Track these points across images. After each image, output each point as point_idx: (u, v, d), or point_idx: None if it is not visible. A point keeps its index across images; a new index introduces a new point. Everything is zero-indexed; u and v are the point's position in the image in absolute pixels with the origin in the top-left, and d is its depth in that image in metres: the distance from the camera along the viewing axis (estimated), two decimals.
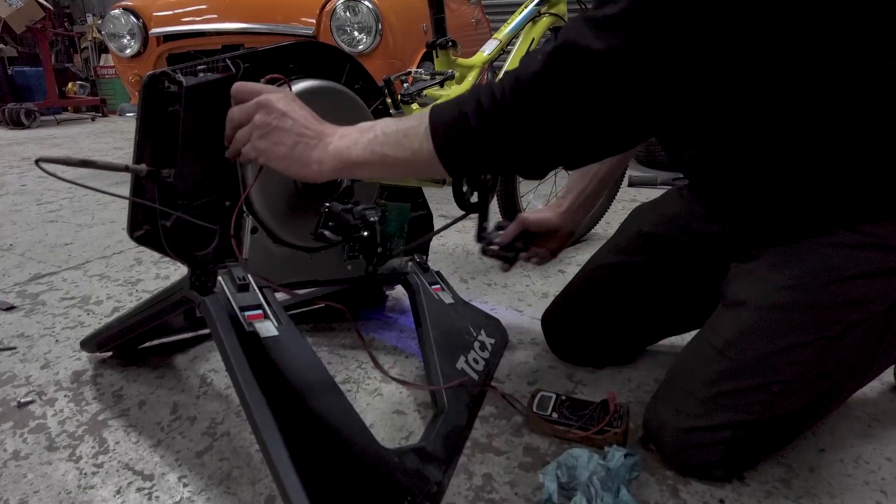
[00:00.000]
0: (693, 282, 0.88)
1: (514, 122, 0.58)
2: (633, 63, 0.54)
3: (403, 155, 0.63)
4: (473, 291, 1.31)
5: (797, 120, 0.65)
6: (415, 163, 0.64)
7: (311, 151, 0.64)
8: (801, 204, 0.71)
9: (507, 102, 0.58)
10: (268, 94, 0.65)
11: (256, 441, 0.61)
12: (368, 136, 0.65)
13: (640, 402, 0.88)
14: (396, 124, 0.65)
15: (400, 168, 0.65)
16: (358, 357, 1.02)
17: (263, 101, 0.65)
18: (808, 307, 0.68)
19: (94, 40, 6.09)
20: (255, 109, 0.65)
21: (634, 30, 0.53)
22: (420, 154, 0.63)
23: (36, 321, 1.18)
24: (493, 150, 0.61)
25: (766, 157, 0.70)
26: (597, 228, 1.72)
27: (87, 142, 3.84)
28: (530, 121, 0.58)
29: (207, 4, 2.30)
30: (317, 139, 0.65)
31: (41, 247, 1.66)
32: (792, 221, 0.73)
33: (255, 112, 0.65)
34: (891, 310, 0.69)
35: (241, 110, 0.66)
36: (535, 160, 0.62)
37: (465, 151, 0.62)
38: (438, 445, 0.73)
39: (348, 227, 0.80)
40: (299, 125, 0.65)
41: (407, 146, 0.63)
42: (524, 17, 1.33)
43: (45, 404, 0.89)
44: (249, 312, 0.70)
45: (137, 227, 0.69)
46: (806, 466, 0.74)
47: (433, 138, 0.61)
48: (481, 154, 0.61)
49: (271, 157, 0.65)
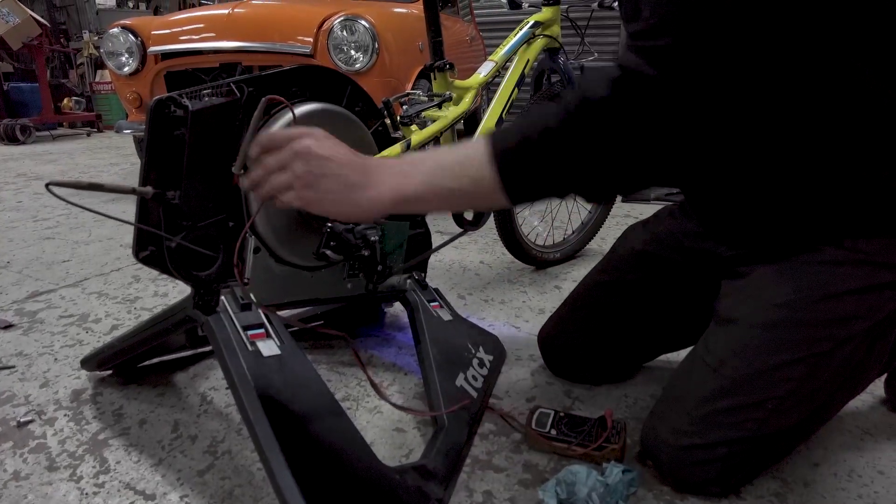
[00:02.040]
0: (686, 299, 0.90)
1: (584, 146, 0.59)
2: (687, 90, 0.57)
3: (463, 185, 0.62)
4: (471, 308, 1.32)
5: (794, 139, 0.68)
6: (475, 193, 0.63)
7: (364, 192, 0.62)
8: (791, 220, 0.73)
9: (576, 126, 0.59)
10: (302, 140, 0.63)
11: (259, 459, 0.62)
12: (421, 168, 0.63)
13: (637, 418, 0.89)
14: (449, 154, 0.65)
15: (458, 199, 0.64)
16: (357, 375, 1.02)
17: (302, 150, 0.62)
18: (799, 324, 0.70)
19: (91, 56, 6.12)
20: (293, 158, 0.62)
21: (684, 61, 0.56)
22: (481, 183, 0.62)
23: (34, 339, 1.18)
24: (560, 173, 0.61)
25: (761, 175, 0.72)
26: (592, 244, 1.74)
27: (83, 157, 3.85)
28: (600, 145, 0.59)
29: (205, 23, 2.33)
30: (365, 178, 0.63)
31: (38, 264, 1.66)
32: (782, 238, 0.75)
33: (293, 161, 0.62)
34: (878, 325, 0.71)
35: (278, 160, 0.63)
36: (601, 183, 0.64)
37: (531, 176, 0.62)
38: (439, 463, 0.74)
39: (349, 246, 0.82)
40: (344, 168, 0.63)
41: (466, 175, 0.62)
42: (519, 39, 1.36)
43: (44, 424, 0.90)
44: (252, 331, 0.71)
45: (143, 249, 0.70)
46: (800, 481, 0.75)
47: (496, 164, 0.61)
48: (547, 178, 0.62)
49: (323, 207, 0.64)
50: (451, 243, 0.96)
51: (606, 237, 1.80)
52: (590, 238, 1.71)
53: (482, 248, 1.76)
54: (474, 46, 3.83)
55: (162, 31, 2.36)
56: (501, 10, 4.58)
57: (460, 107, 1.17)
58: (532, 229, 1.83)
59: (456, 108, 1.16)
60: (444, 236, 0.95)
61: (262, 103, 0.69)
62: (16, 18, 4.52)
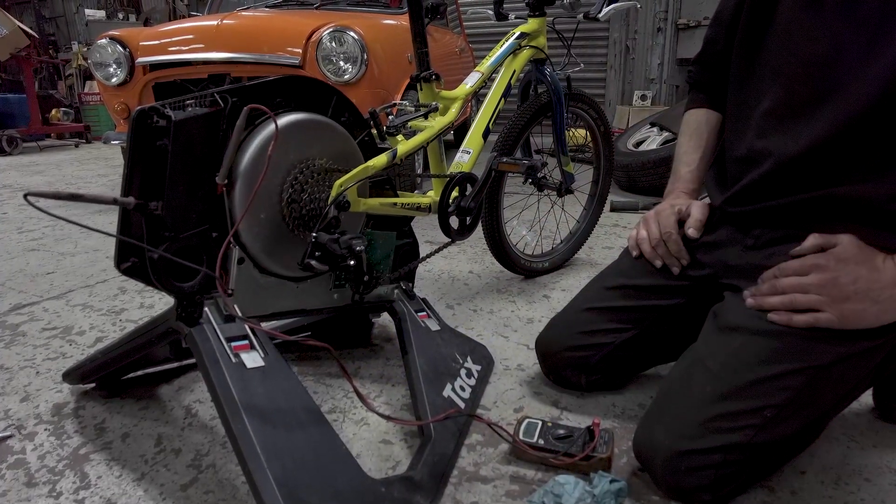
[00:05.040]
0: (695, 309, 0.90)
1: None
2: None
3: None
4: (459, 318, 1.32)
5: None
6: None
7: None
8: None
9: None
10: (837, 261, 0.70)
11: (243, 473, 0.61)
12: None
13: (624, 428, 0.88)
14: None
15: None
16: (344, 386, 1.02)
17: None
18: (800, 336, 0.71)
19: (80, 67, 6.11)
20: None
21: None
22: None
23: (16, 353, 1.16)
24: None
25: None
26: (580, 254, 1.75)
27: (71, 168, 3.82)
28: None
29: (194, 34, 2.32)
30: None
31: (22, 276, 1.64)
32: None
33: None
34: (880, 347, 0.72)
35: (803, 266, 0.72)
36: None
37: None
38: (425, 475, 0.73)
39: (335, 256, 0.81)
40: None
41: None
42: (505, 50, 1.37)
43: (24, 439, 0.88)
44: (236, 343, 0.71)
45: (124, 260, 0.69)
46: (787, 489, 0.75)
47: None
48: None
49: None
50: (440, 253, 0.96)
51: (595, 246, 1.81)
52: (578, 247, 1.71)
53: (471, 258, 1.76)
54: (464, 58, 3.85)
55: (150, 42, 2.36)
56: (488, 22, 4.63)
57: (447, 117, 1.18)
58: (521, 239, 1.84)
59: (442, 119, 1.17)
60: (433, 246, 0.94)
61: (244, 112, 0.69)
62: (3, 30, 4.50)
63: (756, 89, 0.84)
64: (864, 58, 0.71)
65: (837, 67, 0.73)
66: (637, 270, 0.94)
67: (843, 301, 0.69)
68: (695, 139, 0.99)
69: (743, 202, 0.83)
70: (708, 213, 0.91)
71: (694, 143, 0.99)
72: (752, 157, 0.82)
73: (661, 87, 4.91)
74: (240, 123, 0.72)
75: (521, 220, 2.00)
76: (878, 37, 0.70)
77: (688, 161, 0.98)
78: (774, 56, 0.81)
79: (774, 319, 0.72)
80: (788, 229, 0.78)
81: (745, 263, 0.82)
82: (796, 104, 0.77)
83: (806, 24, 0.76)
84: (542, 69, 1.46)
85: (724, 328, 0.77)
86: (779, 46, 0.80)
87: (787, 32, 0.79)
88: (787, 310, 0.72)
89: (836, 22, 0.73)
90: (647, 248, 0.92)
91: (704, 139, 0.98)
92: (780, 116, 0.79)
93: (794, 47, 0.78)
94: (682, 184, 0.97)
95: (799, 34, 0.77)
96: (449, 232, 1.15)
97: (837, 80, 0.73)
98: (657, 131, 2.83)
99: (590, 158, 1.78)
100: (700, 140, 0.98)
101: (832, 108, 0.73)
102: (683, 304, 0.90)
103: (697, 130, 0.99)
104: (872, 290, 0.68)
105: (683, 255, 0.90)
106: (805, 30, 0.76)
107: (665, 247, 0.90)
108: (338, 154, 0.91)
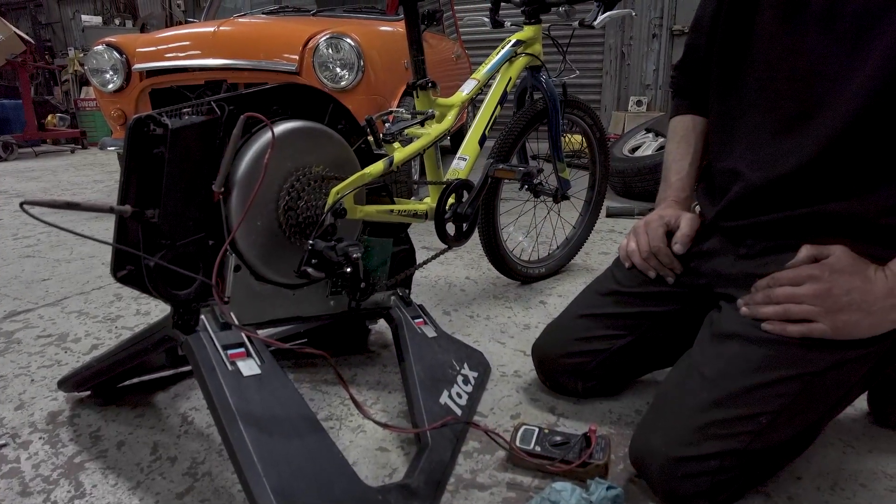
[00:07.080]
0: (691, 316, 0.90)
1: None
2: None
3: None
4: (456, 324, 1.32)
5: None
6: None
7: None
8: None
9: None
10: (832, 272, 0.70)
11: (239, 481, 0.61)
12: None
13: (621, 434, 0.89)
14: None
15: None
16: (340, 394, 1.01)
17: None
18: (794, 343, 0.71)
19: (76, 73, 6.10)
20: None
21: None
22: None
23: (10, 360, 1.15)
24: None
25: None
26: (576, 259, 1.75)
27: (67, 174, 3.81)
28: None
29: (191, 41, 2.33)
30: None
31: (17, 283, 1.63)
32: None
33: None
34: (873, 353, 0.72)
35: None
36: None
37: None
38: (422, 482, 0.73)
39: (332, 264, 0.81)
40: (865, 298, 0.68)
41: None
42: (501, 57, 1.37)
43: (18, 447, 0.87)
44: (232, 351, 0.70)
45: (121, 268, 0.69)
46: (784, 494, 0.75)
47: None
48: None
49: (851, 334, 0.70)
50: (437, 259, 0.96)
51: (591, 252, 1.81)
52: (574, 253, 1.72)
53: (468, 264, 1.76)
54: (461, 64, 3.87)
55: (147, 49, 2.36)
56: (483, 29, 4.65)
57: (443, 124, 1.18)
58: (517, 245, 1.84)
59: (438, 126, 1.17)
60: (429, 252, 0.94)
61: (241, 120, 0.69)
62: None
63: (740, 100, 0.85)
64: (846, 72, 0.72)
65: (821, 82, 0.74)
66: (631, 279, 0.94)
67: (836, 312, 0.69)
68: (683, 146, 0.99)
69: (735, 216, 0.84)
70: (697, 226, 0.91)
71: (682, 149, 0.99)
72: (739, 171, 0.82)
73: (656, 92, 4.94)
74: (236, 131, 0.72)
75: (518, 226, 2.01)
76: (856, 51, 0.71)
77: (677, 169, 0.99)
78: (757, 69, 0.81)
79: (768, 329, 0.73)
80: (780, 240, 0.79)
81: (739, 272, 0.82)
82: (784, 120, 0.78)
83: (786, 38, 0.77)
84: (538, 76, 1.47)
85: (719, 335, 0.77)
86: (761, 59, 0.81)
87: (769, 45, 0.79)
88: (781, 319, 0.72)
89: (816, 35, 0.74)
90: (638, 260, 0.93)
91: (693, 145, 0.98)
92: (770, 131, 0.80)
93: (776, 61, 0.78)
94: (672, 192, 0.98)
95: (780, 48, 0.78)
96: (445, 238, 1.15)
97: (822, 96, 0.74)
98: (652, 137, 2.84)
99: (586, 164, 1.78)
100: (688, 146, 0.99)
101: (819, 124, 0.74)
102: (678, 310, 0.90)
103: (685, 137, 1.00)
104: (866, 301, 0.68)
105: (676, 265, 0.90)
106: (786, 44, 0.77)
107: (656, 259, 0.91)
108: (334, 161, 0.91)
